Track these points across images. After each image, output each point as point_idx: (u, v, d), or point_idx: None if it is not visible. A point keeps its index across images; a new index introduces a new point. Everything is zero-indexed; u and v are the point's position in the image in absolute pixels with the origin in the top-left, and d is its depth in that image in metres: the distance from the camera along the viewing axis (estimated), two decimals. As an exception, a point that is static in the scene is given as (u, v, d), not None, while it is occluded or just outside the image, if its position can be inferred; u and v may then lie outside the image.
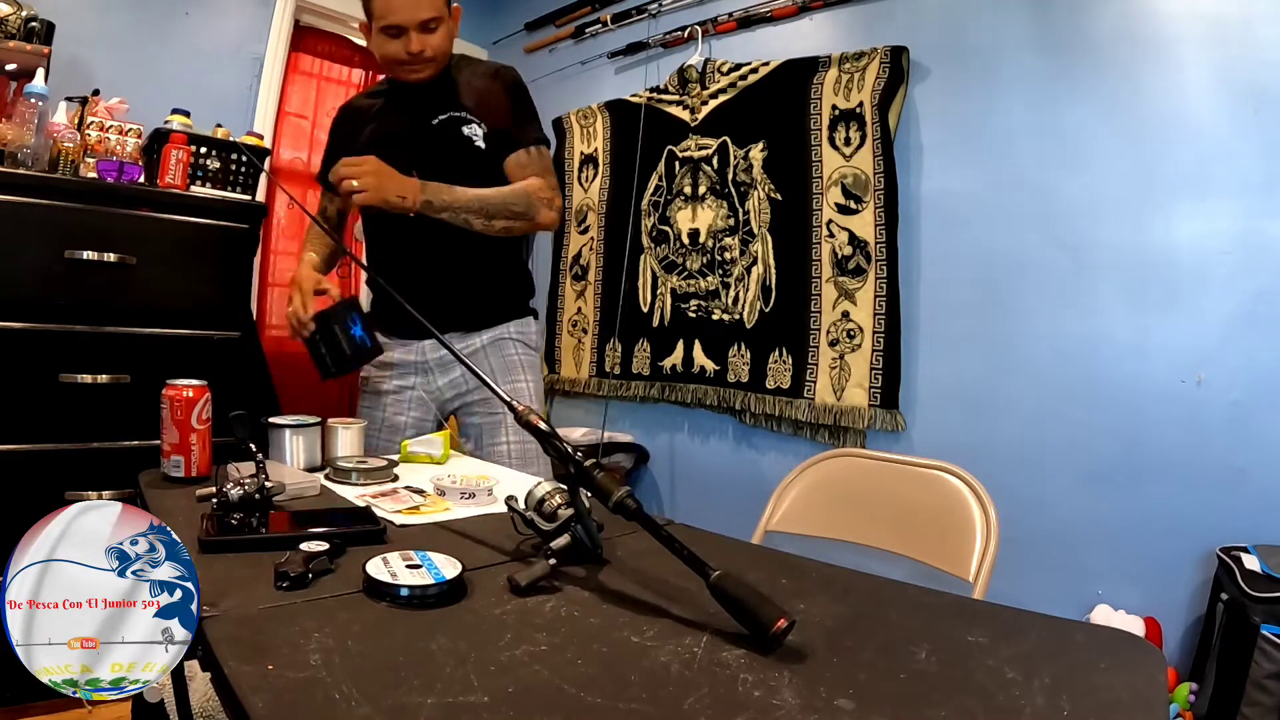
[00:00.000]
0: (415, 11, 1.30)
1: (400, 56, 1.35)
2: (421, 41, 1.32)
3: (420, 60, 1.35)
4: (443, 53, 1.37)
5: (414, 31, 1.31)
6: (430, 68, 1.38)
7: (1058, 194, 1.76)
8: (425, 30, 1.32)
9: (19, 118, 1.83)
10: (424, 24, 1.32)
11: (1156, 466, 1.60)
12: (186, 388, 1.01)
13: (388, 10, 1.31)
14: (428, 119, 1.41)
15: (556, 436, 0.75)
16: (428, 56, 1.34)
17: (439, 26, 1.34)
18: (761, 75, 2.26)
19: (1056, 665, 0.55)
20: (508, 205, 1.37)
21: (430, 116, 1.41)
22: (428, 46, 1.33)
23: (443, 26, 1.35)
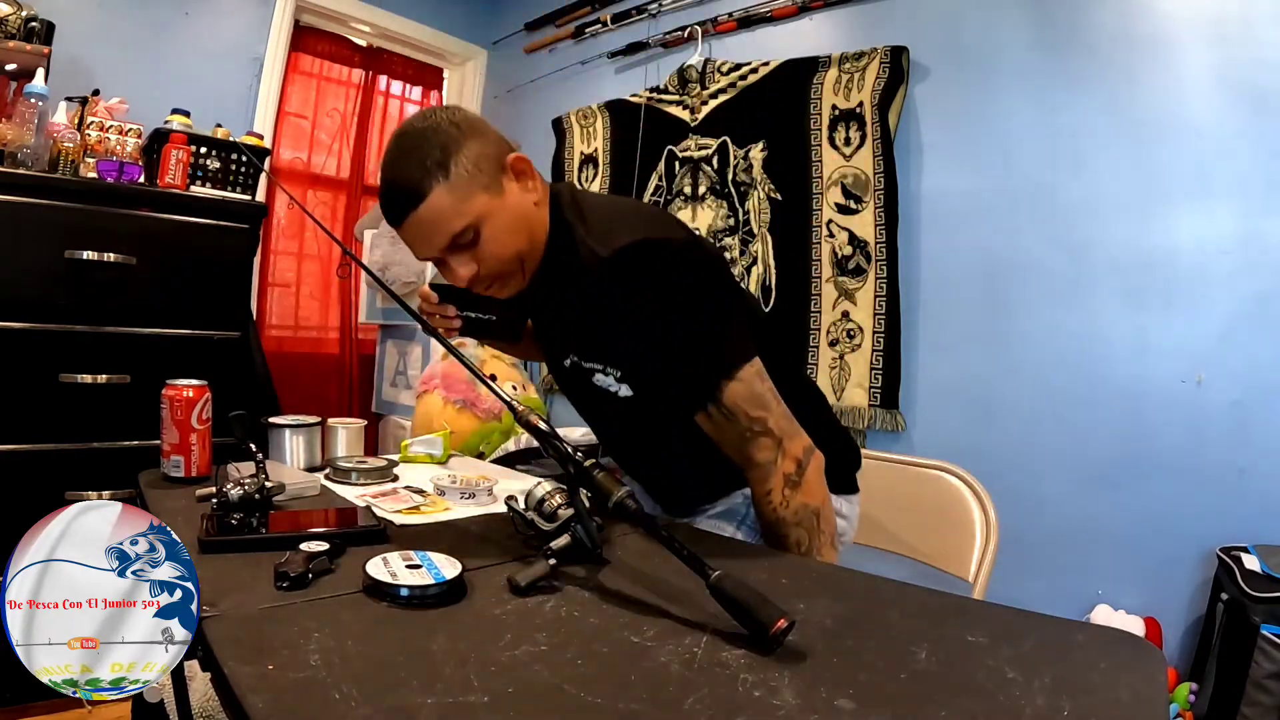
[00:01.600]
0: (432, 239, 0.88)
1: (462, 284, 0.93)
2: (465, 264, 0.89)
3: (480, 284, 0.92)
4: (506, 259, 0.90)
5: (448, 258, 0.90)
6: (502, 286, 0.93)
7: (1058, 194, 1.76)
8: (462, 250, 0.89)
9: (19, 118, 1.83)
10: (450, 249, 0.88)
11: (1156, 466, 1.60)
12: (186, 388, 1.01)
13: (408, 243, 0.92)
14: (557, 357, 1.03)
15: (556, 436, 0.75)
16: (484, 276, 0.91)
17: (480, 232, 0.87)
18: (761, 75, 2.25)
19: (1056, 665, 0.55)
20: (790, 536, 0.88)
21: (557, 355, 1.03)
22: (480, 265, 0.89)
23: (488, 226, 0.87)
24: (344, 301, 3.08)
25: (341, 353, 3.09)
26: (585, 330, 0.96)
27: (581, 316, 0.94)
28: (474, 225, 0.86)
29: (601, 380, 0.95)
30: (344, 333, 3.09)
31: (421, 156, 0.85)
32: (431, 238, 0.87)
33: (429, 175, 0.84)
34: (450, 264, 0.89)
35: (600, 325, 0.91)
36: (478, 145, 0.87)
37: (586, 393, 0.99)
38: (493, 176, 0.88)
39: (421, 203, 0.84)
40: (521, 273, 0.92)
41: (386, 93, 3.19)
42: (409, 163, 0.85)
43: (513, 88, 3.15)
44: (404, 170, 0.86)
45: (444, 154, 0.85)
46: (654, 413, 0.94)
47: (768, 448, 0.86)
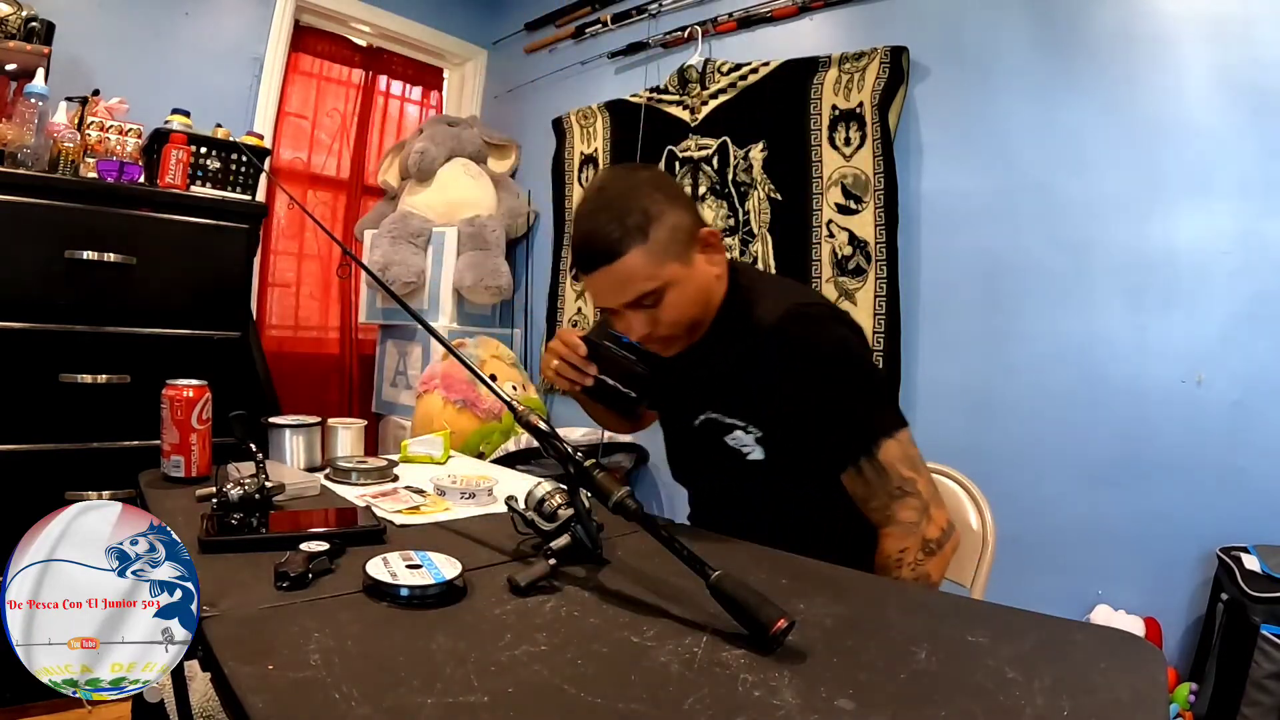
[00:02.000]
0: (618, 295, 0.93)
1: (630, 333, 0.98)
2: (641, 322, 0.94)
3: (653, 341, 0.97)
4: (682, 325, 0.96)
5: (626, 312, 0.95)
6: (667, 346, 0.98)
7: (1058, 194, 1.76)
8: (641, 308, 0.94)
9: (19, 118, 1.83)
10: (631, 305, 0.94)
11: (1156, 466, 1.60)
12: (186, 388, 1.01)
13: (591, 291, 0.97)
14: (688, 415, 1.04)
15: (556, 436, 0.75)
16: (658, 336, 0.96)
17: (663, 297, 0.92)
18: (761, 75, 2.25)
19: (1056, 665, 0.55)
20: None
21: (689, 413, 1.04)
22: (655, 326, 0.95)
23: (672, 293, 0.93)
24: (344, 301, 3.08)
25: (341, 353, 3.09)
26: (734, 388, 0.98)
27: (734, 374, 0.97)
28: (660, 290, 0.92)
29: (735, 439, 0.98)
30: (344, 333, 3.09)
31: (623, 215, 0.90)
32: (618, 294, 0.93)
33: (629, 236, 0.89)
34: (628, 318, 0.95)
35: (754, 383, 0.95)
36: (676, 215, 0.93)
37: (711, 451, 1.00)
38: (685, 246, 0.93)
39: (616, 260, 0.90)
40: (689, 338, 0.99)
41: (386, 93, 3.19)
42: (609, 218, 0.90)
43: (513, 88, 3.15)
44: (604, 225, 0.91)
45: (645, 218, 0.90)
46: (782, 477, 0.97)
47: (914, 509, 0.88)
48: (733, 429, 0.98)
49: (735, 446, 0.98)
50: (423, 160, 2.77)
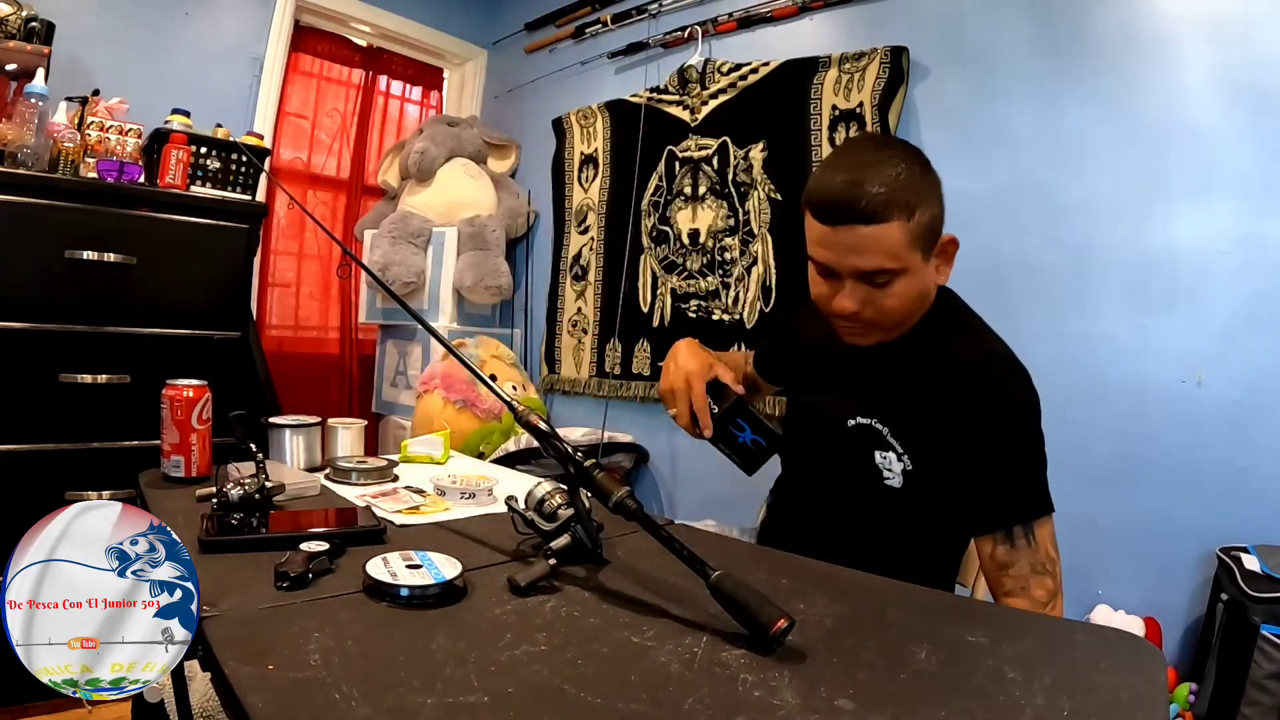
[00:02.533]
0: (856, 258, 0.87)
1: (826, 304, 0.93)
2: (859, 298, 0.89)
3: (854, 322, 0.92)
4: (894, 318, 0.91)
5: (849, 281, 0.89)
6: (865, 334, 0.94)
7: (1058, 194, 1.76)
8: (868, 283, 0.88)
9: (19, 118, 1.83)
10: (865, 275, 0.88)
11: (1156, 467, 1.60)
12: (186, 388, 1.01)
13: (818, 240, 0.90)
14: (844, 411, 0.97)
15: (556, 436, 0.75)
16: (866, 319, 0.91)
17: (894, 281, 0.87)
18: (761, 75, 2.25)
19: (1056, 665, 0.55)
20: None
21: (846, 409, 0.97)
22: (869, 307, 0.89)
23: (903, 281, 0.88)
24: (344, 301, 3.08)
25: (341, 353, 3.09)
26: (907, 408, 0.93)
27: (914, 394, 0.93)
28: (897, 273, 0.87)
29: (885, 459, 0.94)
30: (344, 333, 3.09)
31: (897, 182, 0.85)
32: (858, 257, 0.86)
33: (896, 205, 0.85)
34: (847, 286, 0.89)
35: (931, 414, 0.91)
36: (937, 209, 0.90)
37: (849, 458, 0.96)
38: (930, 244, 0.90)
39: (875, 224, 0.84)
40: (885, 334, 0.94)
41: (386, 93, 3.19)
42: (882, 178, 0.85)
43: (513, 88, 3.15)
44: (874, 180, 0.85)
45: (916, 196, 0.86)
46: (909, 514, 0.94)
47: (1048, 590, 0.90)
48: (888, 448, 0.93)
49: (880, 465, 0.94)
50: (423, 160, 2.77)
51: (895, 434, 0.93)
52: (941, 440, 0.90)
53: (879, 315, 0.90)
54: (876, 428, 0.94)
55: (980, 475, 0.89)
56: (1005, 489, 0.89)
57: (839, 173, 0.88)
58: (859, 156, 0.89)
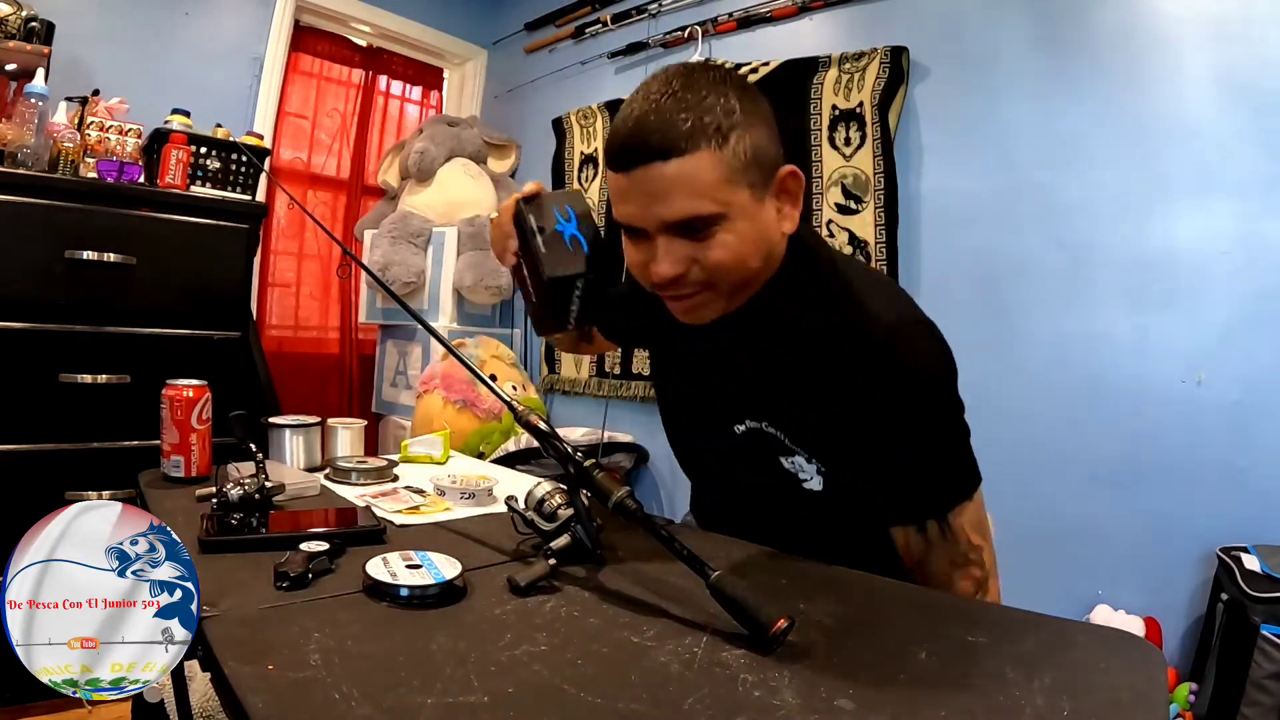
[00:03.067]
0: (660, 206, 0.70)
1: (647, 279, 0.75)
2: (677, 257, 0.71)
3: (680, 288, 0.74)
4: (730, 277, 0.73)
5: (661, 239, 0.71)
6: (709, 303, 0.75)
7: (1058, 194, 1.76)
8: (685, 237, 0.71)
9: (19, 118, 1.83)
10: (672, 228, 0.71)
11: (1156, 466, 1.60)
12: (186, 388, 1.01)
13: (618, 195, 0.73)
14: (727, 420, 0.82)
15: (556, 436, 0.75)
16: (694, 283, 0.73)
17: (716, 229, 0.70)
18: (761, 75, 2.25)
19: (1056, 665, 0.55)
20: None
21: (729, 417, 0.82)
22: (694, 266, 0.72)
23: (728, 228, 0.70)
24: (344, 301, 3.08)
25: (341, 353, 3.09)
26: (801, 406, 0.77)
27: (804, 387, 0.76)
28: (718, 218, 0.69)
29: (794, 464, 0.79)
30: (344, 333, 3.09)
31: (699, 110, 0.68)
32: (661, 204, 0.69)
33: (701, 133, 0.67)
34: (660, 246, 0.71)
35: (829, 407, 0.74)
36: (763, 134, 0.71)
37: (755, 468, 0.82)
38: (761, 179, 0.71)
39: (676, 158, 0.67)
40: (726, 300, 0.75)
41: (386, 93, 3.19)
42: (680, 106, 0.68)
43: (513, 88, 3.15)
44: (670, 111, 0.68)
45: (728, 121, 0.68)
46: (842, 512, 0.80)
47: (973, 580, 0.77)
48: (792, 453, 0.78)
49: (791, 470, 0.79)
50: (423, 160, 2.77)
51: (795, 439, 0.78)
52: (847, 433, 0.75)
53: (708, 275, 0.72)
54: (770, 432, 0.79)
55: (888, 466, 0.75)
56: (913, 480, 0.75)
57: (631, 109, 0.71)
58: (657, 88, 0.71)
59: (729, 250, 0.71)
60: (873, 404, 0.72)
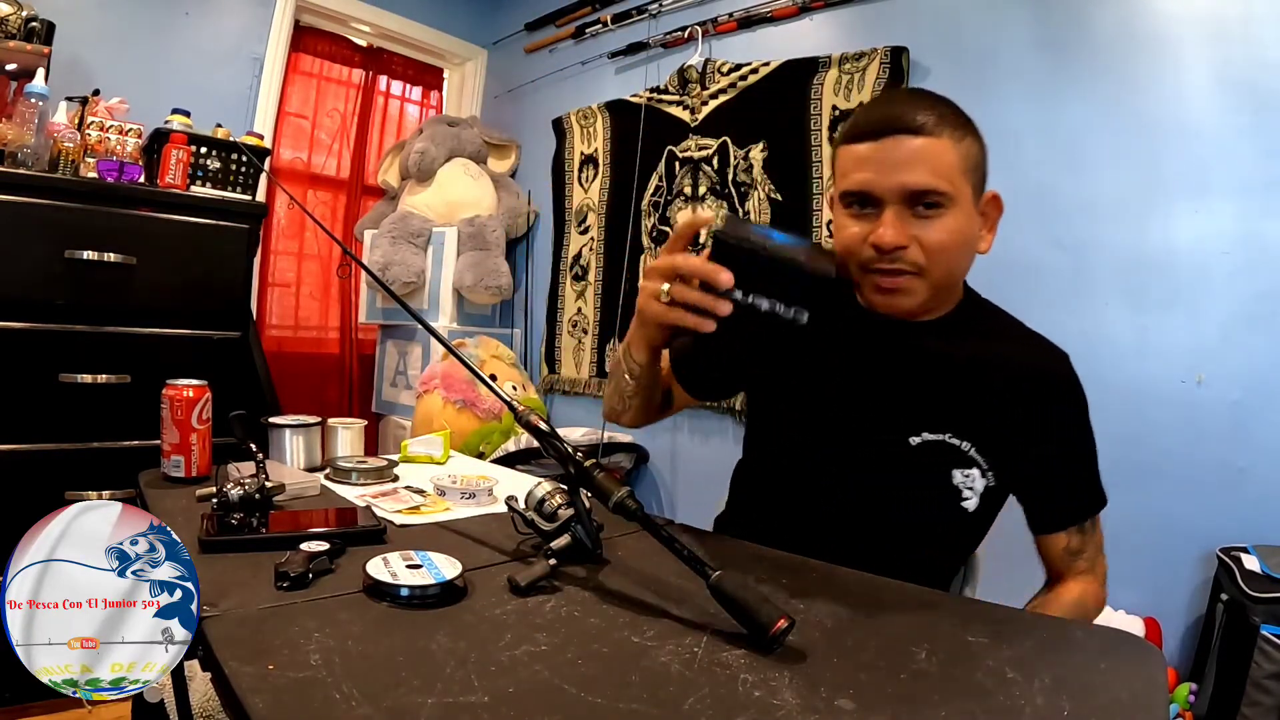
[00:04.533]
0: (901, 171, 0.75)
1: (863, 254, 0.77)
2: (902, 227, 0.75)
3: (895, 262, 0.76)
4: (942, 263, 0.77)
5: (891, 208, 0.76)
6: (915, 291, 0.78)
7: (1058, 194, 1.76)
8: (914, 211, 0.76)
9: (19, 118, 1.83)
10: (913, 195, 0.75)
11: (1156, 466, 1.60)
12: (186, 388, 1.01)
13: (857, 162, 0.77)
14: (902, 432, 0.82)
15: (556, 436, 0.75)
16: (909, 261, 0.76)
17: (944, 212, 0.76)
18: (761, 75, 2.25)
19: (1056, 665, 0.55)
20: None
21: (905, 428, 0.82)
22: (914, 244, 0.76)
23: (952, 215, 0.76)
24: (344, 301, 3.08)
25: (341, 353, 3.09)
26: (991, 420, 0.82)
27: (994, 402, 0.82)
28: (947, 197, 0.75)
29: (965, 476, 0.81)
30: (344, 333, 3.09)
31: (944, 108, 0.78)
32: (905, 172, 0.74)
33: (946, 125, 0.76)
34: (889, 214, 0.75)
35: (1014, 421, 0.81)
36: (981, 152, 0.82)
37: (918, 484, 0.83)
38: (978, 185, 0.81)
39: (924, 136, 0.75)
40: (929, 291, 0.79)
41: (387, 93, 3.19)
42: (929, 102, 0.78)
43: (513, 88, 3.15)
44: (920, 103, 0.77)
45: (964, 126, 0.79)
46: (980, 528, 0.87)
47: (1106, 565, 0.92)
48: (971, 464, 0.81)
49: (959, 485, 0.81)
50: (423, 160, 2.77)
51: (981, 449, 0.81)
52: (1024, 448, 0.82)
53: (924, 258, 0.76)
54: (952, 443, 0.81)
55: (1060, 475, 0.85)
56: (1083, 484, 0.87)
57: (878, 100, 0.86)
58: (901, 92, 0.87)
59: (949, 235, 0.77)
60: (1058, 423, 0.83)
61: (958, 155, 0.77)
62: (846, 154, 0.79)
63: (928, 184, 0.75)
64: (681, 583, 0.67)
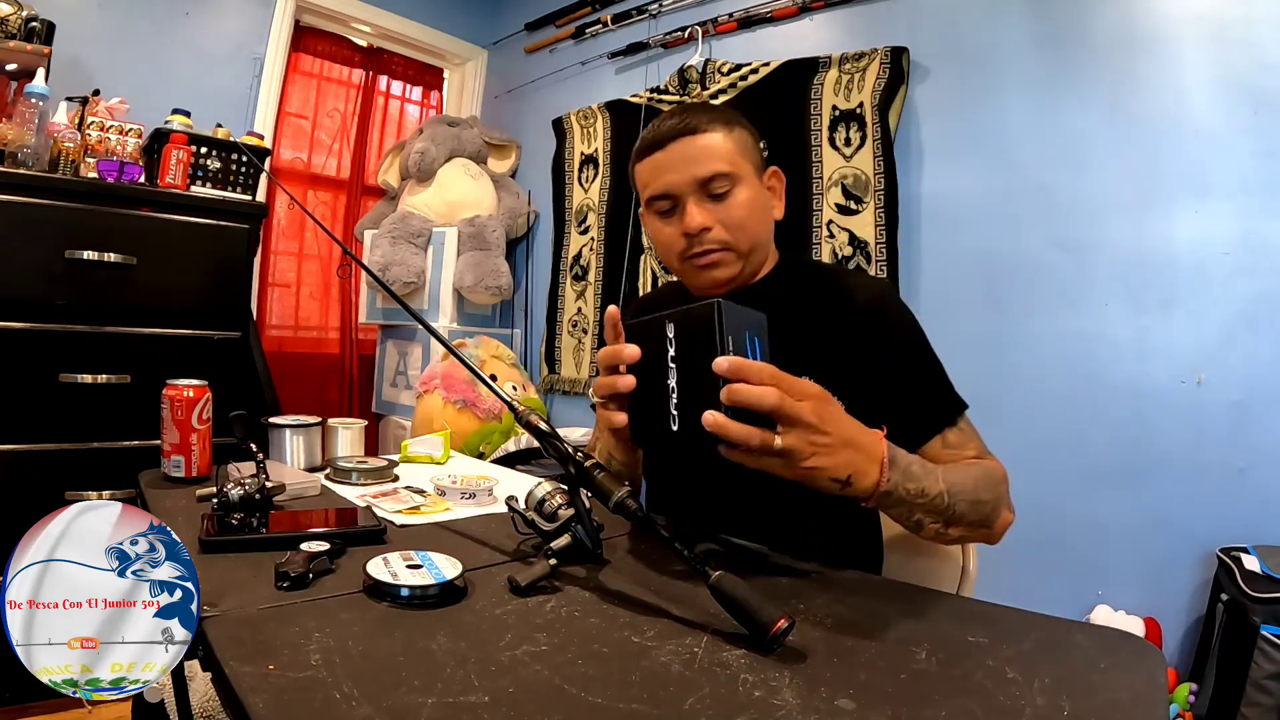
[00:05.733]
0: (689, 168, 0.90)
1: (677, 246, 0.93)
2: (705, 213, 0.90)
3: (704, 244, 0.90)
4: (745, 234, 0.91)
5: (692, 199, 0.90)
6: (728, 263, 0.92)
7: (1058, 194, 1.76)
8: (708, 195, 0.90)
9: (19, 118, 1.83)
10: (704, 183, 0.90)
11: (1156, 467, 1.60)
12: (187, 388, 1.01)
13: (654, 170, 0.92)
14: None
15: (557, 436, 0.75)
16: (714, 237, 0.90)
17: (734, 190, 0.90)
18: (762, 76, 2.26)
19: (1056, 665, 0.55)
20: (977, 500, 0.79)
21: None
22: (718, 224, 0.90)
23: (740, 191, 0.90)
24: (344, 301, 3.08)
25: (341, 353, 3.09)
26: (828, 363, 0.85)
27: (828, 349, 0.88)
28: (732, 177, 0.90)
29: None
30: (344, 333, 3.09)
31: (710, 110, 0.93)
32: (692, 165, 0.89)
33: (714, 121, 0.91)
34: (690, 205, 0.90)
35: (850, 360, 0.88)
36: (753, 141, 0.96)
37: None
38: (757, 166, 0.95)
39: (698, 134, 0.90)
40: (743, 262, 0.93)
41: (387, 93, 3.19)
42: (696, 109, 0.93)
43: (513, 88, 3.15)
44: (689, 112, 0.92)
45: (730, 119, 0.93)
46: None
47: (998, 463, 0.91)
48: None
49: None
50: (423, 160, 2.77)
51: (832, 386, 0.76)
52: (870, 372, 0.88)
53: (730, 232, 0.90)
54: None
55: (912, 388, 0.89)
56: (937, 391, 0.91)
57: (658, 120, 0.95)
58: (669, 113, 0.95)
59: (744, 209, 0.91)
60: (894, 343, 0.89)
61: (732, 142, 0.91)
62: (644, 167, 0.94)
63: (713, 169, 0.89)
64: (681, 583, 0.67)
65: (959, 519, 0.77)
